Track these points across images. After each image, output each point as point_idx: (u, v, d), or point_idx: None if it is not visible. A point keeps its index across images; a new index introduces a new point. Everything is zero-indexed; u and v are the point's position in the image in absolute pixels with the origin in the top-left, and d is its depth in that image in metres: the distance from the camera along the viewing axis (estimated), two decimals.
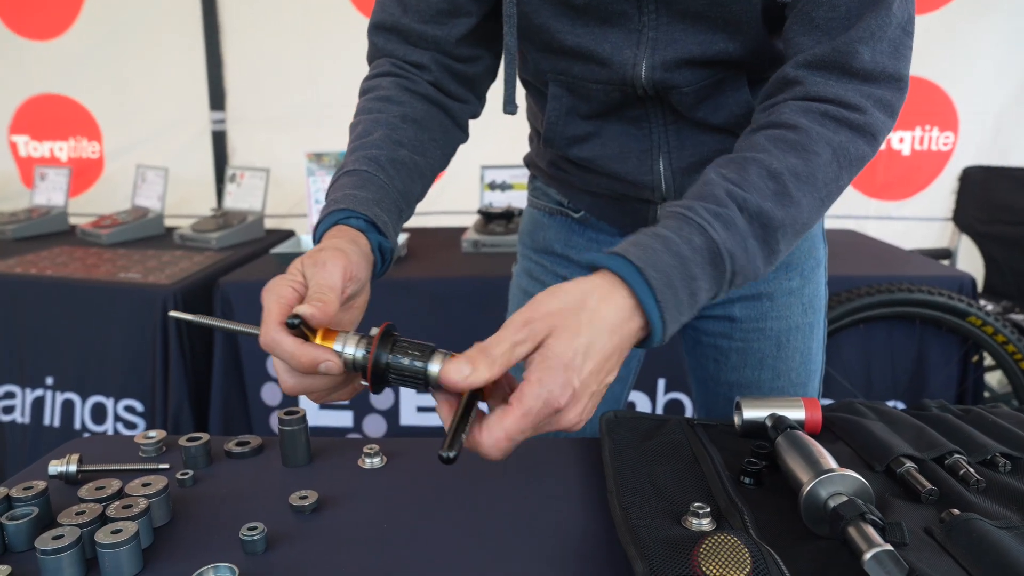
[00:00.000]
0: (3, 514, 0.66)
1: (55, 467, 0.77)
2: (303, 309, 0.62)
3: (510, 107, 0.88)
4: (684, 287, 0.65)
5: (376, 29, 0.92)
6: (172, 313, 0.72)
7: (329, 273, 0.66)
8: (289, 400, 2.12)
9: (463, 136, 0.97)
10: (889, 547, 0.55)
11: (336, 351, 0.63)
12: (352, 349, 0.63)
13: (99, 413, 2.16)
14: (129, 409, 2.14)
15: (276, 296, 0.65)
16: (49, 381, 2.20)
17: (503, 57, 0.86)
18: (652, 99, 0.88)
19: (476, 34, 0.90)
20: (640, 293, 0.63)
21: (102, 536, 0.61)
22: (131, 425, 2.14)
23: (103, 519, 0.65)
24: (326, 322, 0.64)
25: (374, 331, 0.64)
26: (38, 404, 2.22)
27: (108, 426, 2.16)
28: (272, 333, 0.63)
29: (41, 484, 0.70)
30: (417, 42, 0.89)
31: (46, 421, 2.21)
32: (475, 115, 0.98)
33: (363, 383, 0.65)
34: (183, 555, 0.65)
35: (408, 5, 0.89)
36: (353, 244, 0.72)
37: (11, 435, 2.26)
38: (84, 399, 2.17)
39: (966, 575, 0.57)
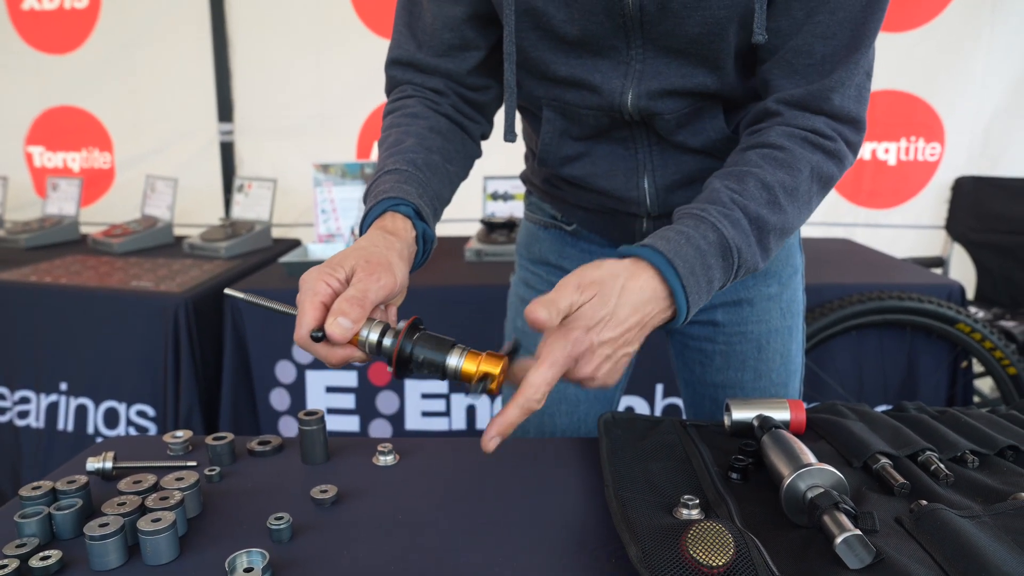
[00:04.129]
0: (50, 505, 0.72)
1: (92, 464, 0.83)
2: (330, 329, 0.70)
3: (510, 136, 0.96)
4: (703, 275, 0.77)
5: (393, 64, 1.00)
6: (227, 290, 0.80)
7: (377, 288, 0.73)
8: (297, 406, 2.18)
9: (478, 151, 1.05)
10: (859, 532, 0.61)
11: (361, 337, 0.71)
12: (375, 336, 0.72)
13: (112, 418, 2.22)
14: (141, 414, 2.19)
15: (312, 293, 0.72)
16: (63, 387, 2.26)
17: (505, 91, 0.93)
18: (637, 123, 0.95)
19: (485, 66, 0.98)
20: (670, 279, 0.75)
21: (144, 524, 0.67)
22: (143, 429, 2.20)
23: (143, 509, 0.71)
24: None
25: (402, 324, 0.72)
26: (52, 409, 2.27)
27: (121, 430, 2.21)
28: (304, 336, 0.71)
29: (83, 478, 0.76)
30: (433, 73, 0.97)
31: (60, 426, 2.27)
32: (486, 136, 1.06)
33: (389, 369, 0.73)
34: (215, 543, 0.71)
35: (422, 41, 0.96)
36: (401, 259, 0.78)
37: (26, 439, 2.32)
38: (97, 404, 2.23)
39: (929, 559, 0.63)
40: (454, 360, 0.71)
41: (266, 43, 3.27)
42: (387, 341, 0.71)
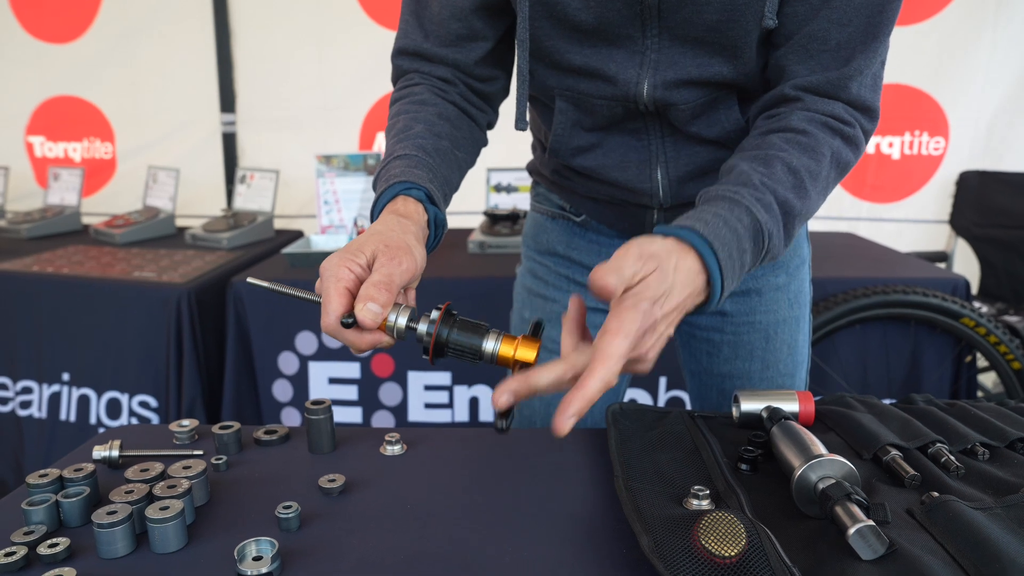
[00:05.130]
0: (58, 493, 0.72)
1: (99, 452, 0.83)
2: (360, 315, 0.69)
3: (521, 124, 0.95)
4: (738, 259, 0.75)
5: (400, 54, 0.99)
6: (250, 279, 0.80)
7: (400, 272, 0.72)
8: (299, 397, 2.18)
9: (485, 140, 1.04)
10: (872, 523, 0.61)
11: (388, 322, 0.72)
12: (403, 321, 0.72)
13: (114, 408, 2.21)
14: (143, 404, 2.19)
15: (335, 280, 0.71)
16: (66, 377, 2.26)
17: (516, 78, 0.93)
18: (651, 114, 0.94)
19: (492, 56, 0.97)
20: (709, 262, 0.72)
21: (152, 512, 0.66)
22: (145, 420, 2.20)
23: (150, 497, 0.70)
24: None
25: (436, 310, 0.73)
26: (55, 399, 2.27)
27: (123, 421, 2.21)
28: (332, 323, 0.70)
29: (90, 466, 0.75)
30: (440, 63, 0.96)
31: (62, 416, 2.27)
32: (491, 125, 1.05)
33: (424, 356, 0.73)
34: (223, 531, 0.70)
35: (429, 32, 0.95)
36: (417, 241, 0.78)
37: (28, 429, 2.32)
38: (100, 395, 2.23)
39: (942, 550, 0.63)
40: (490, 344, 0.72)
41: (268, 33, 3.26)
42: (421, 327, 0.72)
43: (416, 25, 0.96)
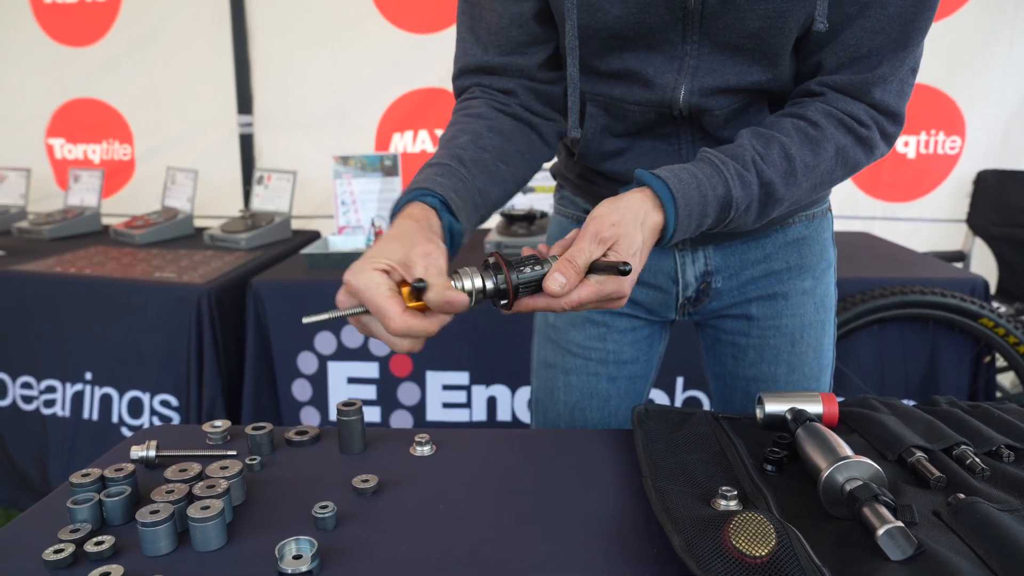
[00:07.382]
0: (100, 492, 0.74)
1: (136, 452, 0.85)
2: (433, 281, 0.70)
3: (574, 131, 0.95)
4: (696, 219, 0.83)
5: (461, 74, 0.99)
6: (307, 319, 0.74)
7: (441, 260, 0.72)
8: (318, 397, 2.20)
9: (549, 153, 1.03)
10: (900, 524, 0.62)
11: (467, 288, 0.73)
12: (479, 284, 0.74)
13: (136, 407, 2.24)
14: (164, 404, 2.22)
15: (376, 286, 0.69)
16: (88, 376, 2.29)
17: (568, 86, 0.93)
18: (684, 119, 0.95)
19: (556, 58, 0.97)
20: (669, 215, 0.81)
21: (193, 511, 0.68)
22: (166, 419, 2.22)
23: (190, 497, 0.72)
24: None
25: (492, 262, 0.76)
26: (78, 398, 2.31)
27: (144, 420, 2.24)
28: (400, 324, 0.68)
29: (130, 466, 0.77)
30: (503, 73, 0.96)
31: (85, 415, 2.30)
32: (562, 133, 1.03)
33: (502, 303, 0.76)
34: (260, 530, 0.72)
35: (488, 43, 0.95)
36: (432, 233, 0.77)
37: (52, 428, 2.35)
38: (122, 394, 2.26)
39: (969, 551, 0.63)
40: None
41: (285, 35, 3.28)
42: (489, 283, 0.74)
43: (473, 40, 0.96)
